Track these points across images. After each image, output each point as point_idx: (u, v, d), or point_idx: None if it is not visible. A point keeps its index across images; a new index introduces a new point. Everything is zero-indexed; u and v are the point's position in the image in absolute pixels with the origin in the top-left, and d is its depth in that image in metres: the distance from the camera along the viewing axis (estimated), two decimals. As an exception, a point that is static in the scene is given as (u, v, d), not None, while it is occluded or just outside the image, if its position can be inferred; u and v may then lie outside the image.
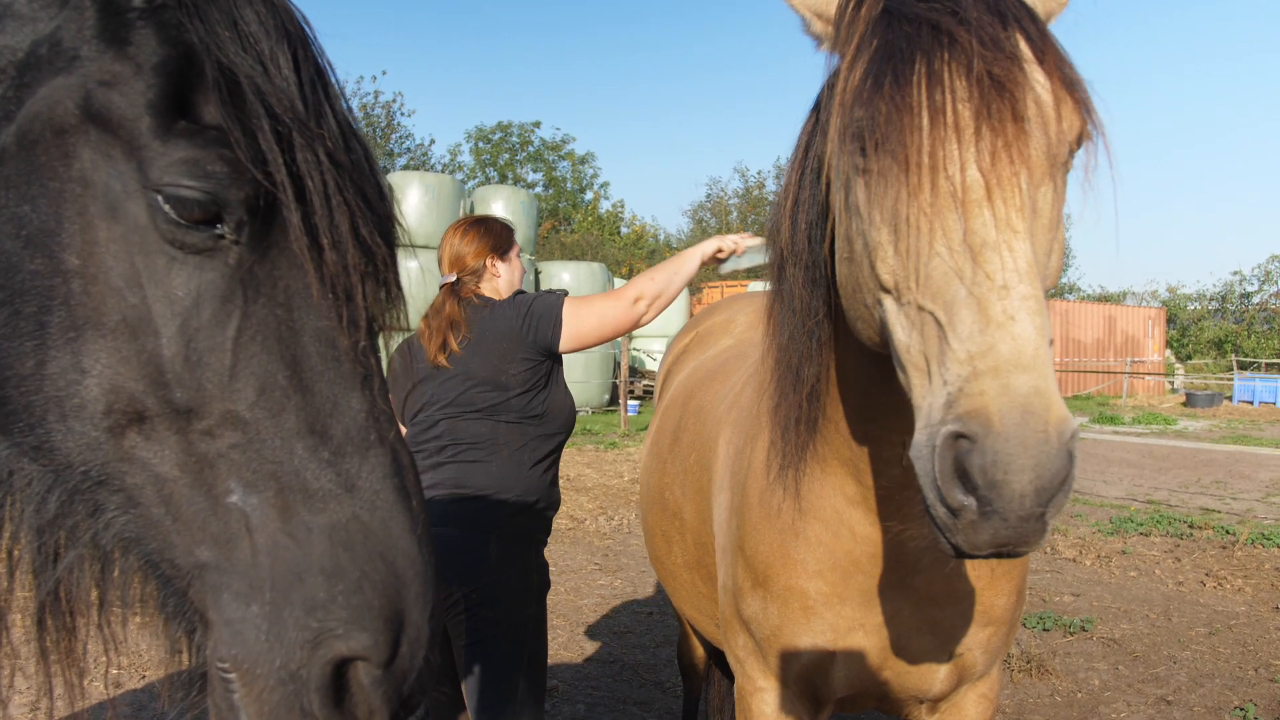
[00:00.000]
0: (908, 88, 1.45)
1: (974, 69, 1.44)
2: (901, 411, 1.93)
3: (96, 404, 0.98)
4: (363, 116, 42.99)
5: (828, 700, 2.36)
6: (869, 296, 1.57)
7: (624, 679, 5.55)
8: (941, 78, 1.44)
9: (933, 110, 1.44)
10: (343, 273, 1.05)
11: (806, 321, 1.94)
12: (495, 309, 3.02)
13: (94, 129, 0.99)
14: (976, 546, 1.34)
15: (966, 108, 1.43)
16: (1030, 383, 1.26)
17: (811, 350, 1.96)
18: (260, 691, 0.97)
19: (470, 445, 2.93)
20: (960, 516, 1.32)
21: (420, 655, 1.04)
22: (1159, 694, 5.34)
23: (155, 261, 0.99)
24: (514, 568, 2.92)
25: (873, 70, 1.51)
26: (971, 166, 1.41)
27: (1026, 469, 1.24)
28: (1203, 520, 9.97)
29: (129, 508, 1.01)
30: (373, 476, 1.03)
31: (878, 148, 1.49)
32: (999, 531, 1.30)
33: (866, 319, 1.63)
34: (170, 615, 1.05)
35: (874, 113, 1.48)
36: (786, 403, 2.06)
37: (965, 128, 1.42)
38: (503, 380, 2.93)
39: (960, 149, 1.42)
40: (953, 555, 1.40)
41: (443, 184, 20.16)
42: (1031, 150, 1.44)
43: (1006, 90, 1.43)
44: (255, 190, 1.00)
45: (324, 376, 1.04)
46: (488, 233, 3.21)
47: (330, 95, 1.11)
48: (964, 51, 1.45)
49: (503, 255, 3.19)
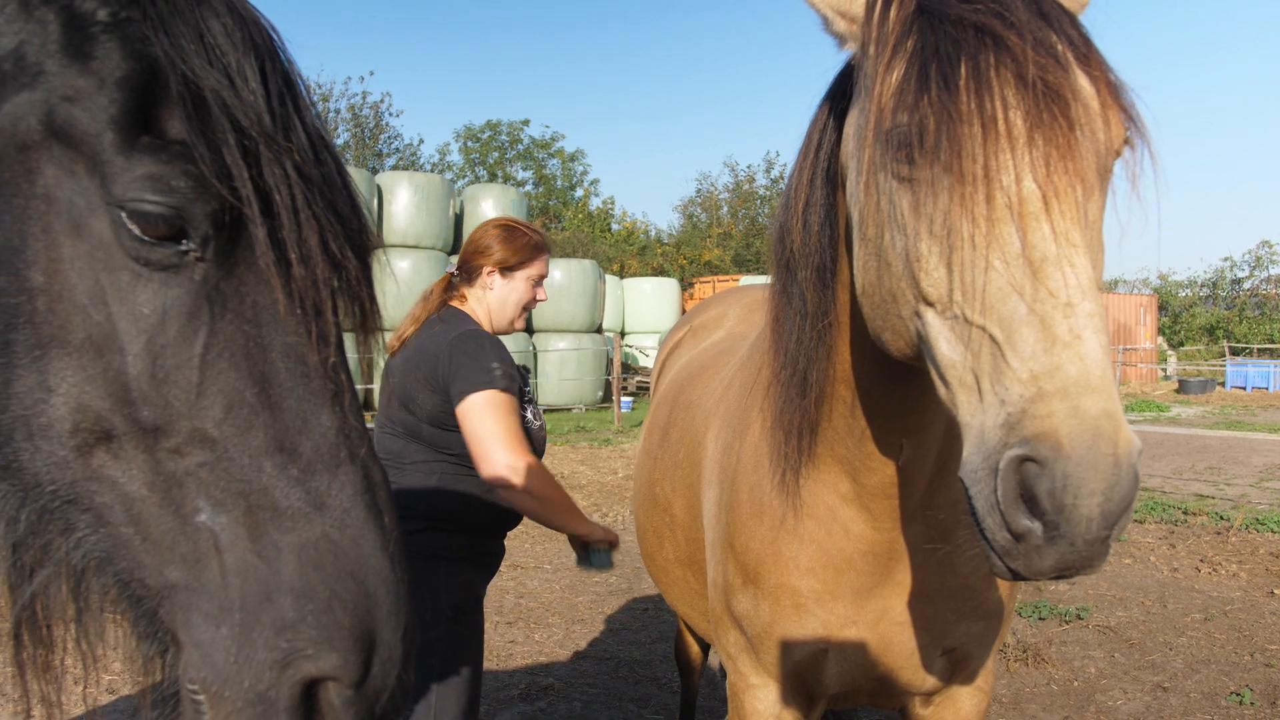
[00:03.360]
0: (957, 94, 1.40)
1: (1027, 75, 1.38)
2: (904, 414, 1.93)
3: (63, 423, 0.97)
4: (350, 117, 42.87)
5: (820, 696, 2.35)
6: (905, 308, 1.52)
7: (620, 676, 5.55)
8: (990, 83, 1.39)
9: (984, 118, 1.38)
10: (311, 288, 1.03)
11: (817, 324, 1.91)
12: (438, 331, 2.85)
13: (57, 145, 0.97)
14: (1039, 571, 1.31)
15: (1019, 115, 1.38)
16: (1100, 405, 1.24)
17: (819, 354, 1.93)
18: (229, 714, 0.96)
19: (384, 458, 2.81)
20: (1024, 541, 1.29)
21: (393, 675, 1.03)
22: (1155, 681, 5.35)
23: (120, 278, 0.97)
24: (417, 588, 2.75)
25: (913, 73, 1.46)
26: (1028, 178, 1.36)
27: (1097, 493, 1.22)
28: (1197, 506, 10.00)
29: (99, 527, 1.00)
30: (343, 494, 1.02)
31: (926, 156, 1.44)
32: (1065, 556, 1.27)
33: (898, 329, 1.57)
34: (142, 635, 1.04)
35: (921, 119, 1.43)
36: (791, 408, 2.03)
37: (1019, 137, 1.37)
38: (413, 407, 2.81)
39: (1015, 159, 1.37)
40: (1009, 579, 1.37)
41: (432, 184, 20.10)
42: (1084, 160, 1.39)
43: (1060, 97, 1.38)
44: (220, 205, 0.99)
45: (293, 393, 1.02)
46: (507, 240, 2.99)
47: (300, 108, 1.09)
48: (1012, 56, 1.40)
49: (506, 270, 2.98)
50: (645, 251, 45.63)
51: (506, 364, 2.81)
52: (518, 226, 3.06)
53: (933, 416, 1.92)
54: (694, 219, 51.85)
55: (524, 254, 2.98)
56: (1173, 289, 51.87)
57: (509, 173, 53.31)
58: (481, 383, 2.77)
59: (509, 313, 3.01)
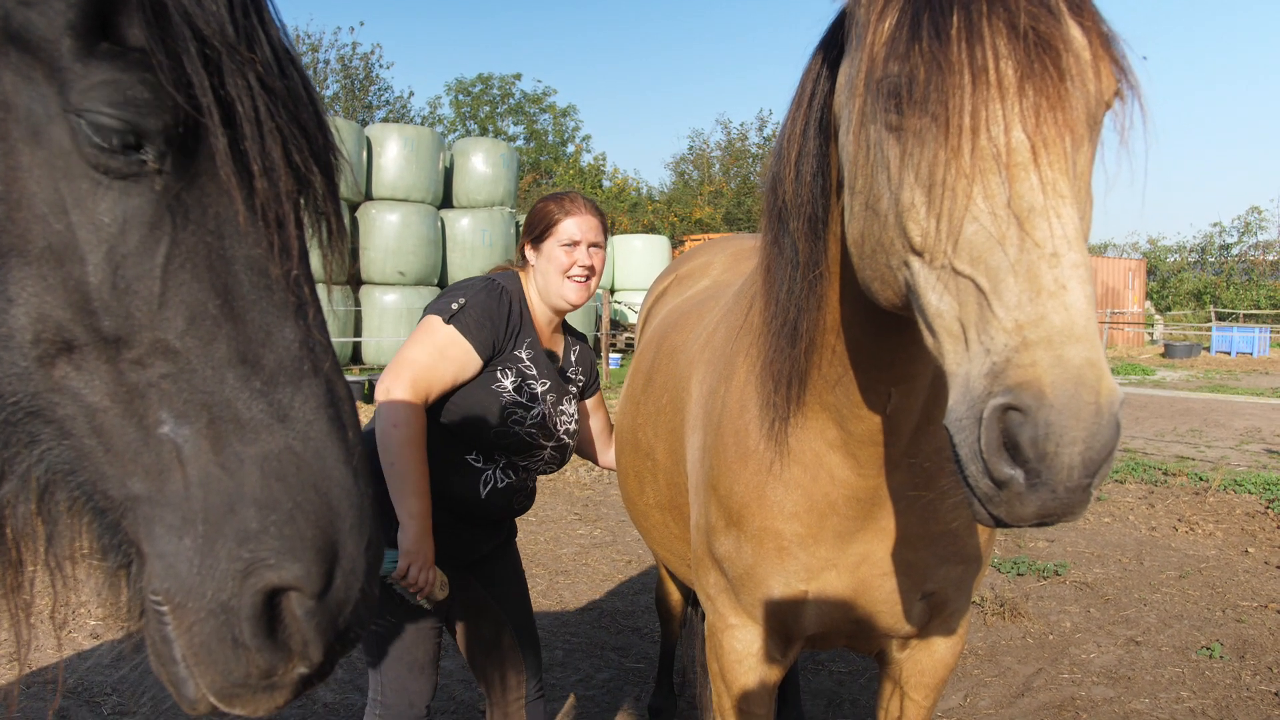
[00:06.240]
0: (948, 43, 1.39)
1: (1019, 24, 1.38)
2: (892, 364, 1.94)
3: (24, 333, 0.96)
4: (340, 68, 42.26)
5: (798, 637, 2.38)
6: (894, 258, 1.52)
7: (602, 625, 5.61)
8: (982, 33, 1.39)
9: (974, 68, 1.38)
10: (273, 200, 1.02)
11: (808, 274, 1.91)
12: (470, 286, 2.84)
13: (14, 50, 0.95)
14: (1021, 518, 1.32)
15: (1009, 65, 1.37)
16: (1083, 354, 1.24)
17: (810, 304, 1.93)
18: (192, 623, 0.96)
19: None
20: (1007, 488, 1.31)
21: (356, 587, 1.03)
22: (1128, 635, 5.44)
23: (79, 187, 0.96)
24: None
25: (905, 21, 1.45)
26: (1016, 128, 1.36)
27: (1078, 440, 1.23)
28: (1177, 468, 10.12)
29: (62, 439, 0.99)
30: (306, 407, 1.02)
31: (915, 106, 1.43)
32: (1046, 503, 1.28)
33: (887, 279, 1.58)
34: (106, 548, 1.04)
35: (912, 68, 1.43)
36: (781, 358, 2.03)
37: (1009, 87, 1.37)
38: None
39: (1004, 109, 1.36)
40: (991, 525, 1.39)
41: (422, 136, 19.86)
42: (1074, 111, 1.39)
43: (1051, 47, 1.38)
44: (178, 116, 0.97)
45: (256, 306, 1.01)
46: (532, 212, 2.95)
47: (264, 21, 1.07)
48: (1005, 5, 1.39)
49: (536, 241, 2.92)
50: (636, 209, 45.44)
51: (477, 309, 2.73)
52: (548, 196, 2.99)
53: (920, 366, 1.93)
54: (685, 176, 51.58)
55: (544, 220, 2.91)
56: (1161, 254, 52.03)
57: (500, 127, 52.78)
58: (433, 308, 2.74)
59: (553, 284, 2.89)
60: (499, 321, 2.77)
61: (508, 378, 2.80)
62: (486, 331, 2.74)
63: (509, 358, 2.82)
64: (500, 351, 2.79)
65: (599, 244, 2.95)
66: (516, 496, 2.96)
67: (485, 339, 2.74)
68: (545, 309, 2.95)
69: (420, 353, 2.67)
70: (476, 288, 2.80)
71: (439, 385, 2.69)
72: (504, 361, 2.81)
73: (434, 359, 2.67)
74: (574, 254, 2.88)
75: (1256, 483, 9.03)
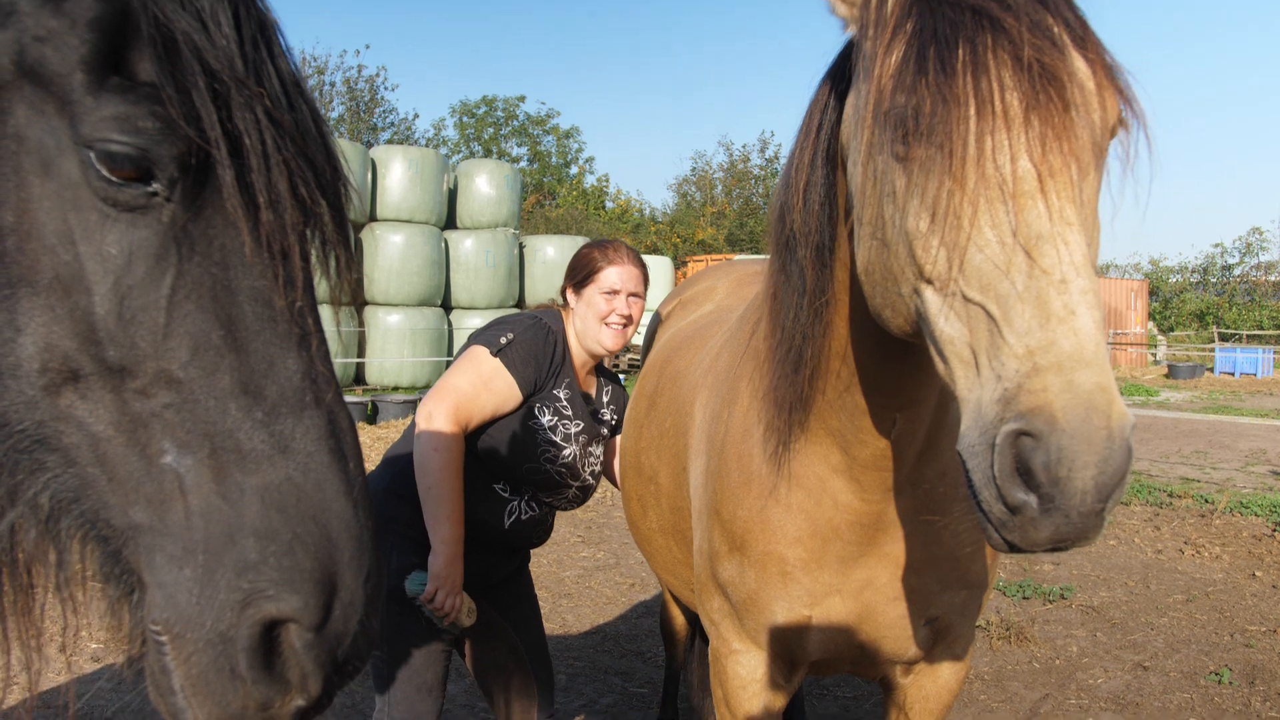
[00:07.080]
0: (953, 76, 1.42)
1: (1023, 57, 1.40)
2: (899, 389, 1.95)
3: (31, 362, 0.97)
4: (346, 91, 42.52)
5: (802, 663, 2.37)
6: (904, 286, 1.54)
7: (605, 649, 5.58)
8: (987, 65, 1.41)
9: (980, 99, 1.40)
10: (279, 232, 1.03)
11: (815, 302, 1.93)
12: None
13: (28, 85, 0.97)
14: (1035, 543, 1.33)
15: (1015, 96, 1.39)
16: (1093, 379, 1.25)
17: (816, 331, 1.95)
18: (190, 653, 0.97)
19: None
20: (1020, 514, 1.31)
21: (354, 620, 1.03)
22: (1136, 660, 5.40)
23: (88, 218, 0.97)
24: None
25: (912, 55, 1.47)
26: (1023, 157, 1.38)
27: (1090, 465, 1.24)
28: (1182, 489, 10.07)
29: (66, 467, 1.00)
30: (307, 438, 1.02)
31: (922, 137, 1.45)
32: (1060, 528, 1.29)
33: (898, 307, 1.59)
34: (108, 577, 1.04)
35: (918, 101, 1.45)
36: (785, 384, 2.04)
37: (1015, 118, 1.39)
38: None
39: (1010, 139, 1.39)
40: (1005, 550, 1.39)
41: (426, 158, 19.94)
42: (1079, 140, 1.41)
43: (1056, 78, 1.40)
44: (188, 147, 0.98)
45: (259, 336, 1.02)
46: (574, 257, 3.03)
47: (274, 54, 1.09)
48: (1009, 38, 1.41)
49: (578, 287, 3.00)
50: (639, 230, 45.55)
51: (524, 345, 2.79)
52: (593, 243, 3.07)
53: (926, 392, 1.94)
54: (688, 198, 51.79)
55: (587, 266, 2.99)
56: (1164, 274, 52.05)
57: (504, 149, 53.10)
58: (480, 339, 2.79)
59: (590, 329, 2.97)
60: (543, 360, 2.83)
61: (544, 415, 2.86)
62: (530, 368, 2.80)
63: (548, 396, 2.87)
64: (540, 389, 2.85)
65: (639, 294, 3.03)
66: (537, 529, 3.01)
67: (529, 375, 2.80)
68: (582, 351, 3.02)
69: (464, 381, 2.72)
70: (525, 324, 2.86)
71: (479, 415, 2.74)
72: (542, 399, 2.86)
73: (477, 389, 2.72)
74: (613, 302, 2.96)
75: (1263, 505, 8.98)
